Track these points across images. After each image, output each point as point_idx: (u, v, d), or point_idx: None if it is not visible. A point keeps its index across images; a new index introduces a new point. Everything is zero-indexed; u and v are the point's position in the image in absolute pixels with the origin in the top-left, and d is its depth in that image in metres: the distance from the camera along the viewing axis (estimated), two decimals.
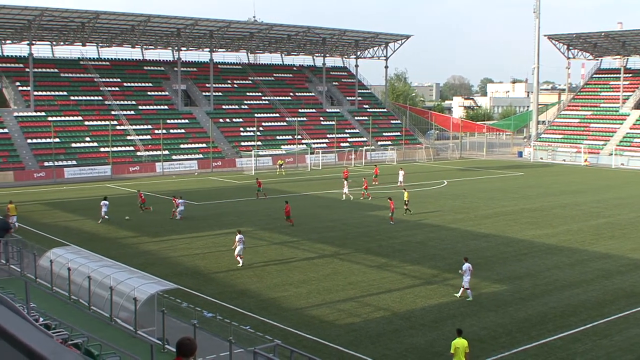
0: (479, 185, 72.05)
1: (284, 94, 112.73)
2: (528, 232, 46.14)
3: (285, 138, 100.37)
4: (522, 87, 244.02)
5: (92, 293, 26.41)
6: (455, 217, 51.76)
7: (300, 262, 37.43)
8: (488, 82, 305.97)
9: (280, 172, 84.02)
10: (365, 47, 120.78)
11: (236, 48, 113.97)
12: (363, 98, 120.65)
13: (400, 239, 43.37)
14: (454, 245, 41.46)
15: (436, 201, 60.22)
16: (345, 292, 31.31)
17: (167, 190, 64.88)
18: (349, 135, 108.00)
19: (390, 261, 37.60)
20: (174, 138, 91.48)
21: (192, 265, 36.78)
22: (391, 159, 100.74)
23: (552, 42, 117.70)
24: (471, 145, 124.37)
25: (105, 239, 43.73)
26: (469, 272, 30.56)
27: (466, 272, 30.53)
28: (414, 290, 31.70)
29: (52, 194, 66.28)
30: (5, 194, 64.92)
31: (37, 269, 30.96)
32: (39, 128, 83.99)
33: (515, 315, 27.99)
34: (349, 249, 40.58)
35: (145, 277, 27.08)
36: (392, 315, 27.89)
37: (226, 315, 27.40)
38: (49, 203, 60.07)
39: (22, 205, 57.63)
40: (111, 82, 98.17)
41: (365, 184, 63.29)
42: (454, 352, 21.72)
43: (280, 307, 29.08)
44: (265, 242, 42.79)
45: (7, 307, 3.03)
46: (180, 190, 58.51)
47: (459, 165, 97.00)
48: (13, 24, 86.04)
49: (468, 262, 31.02)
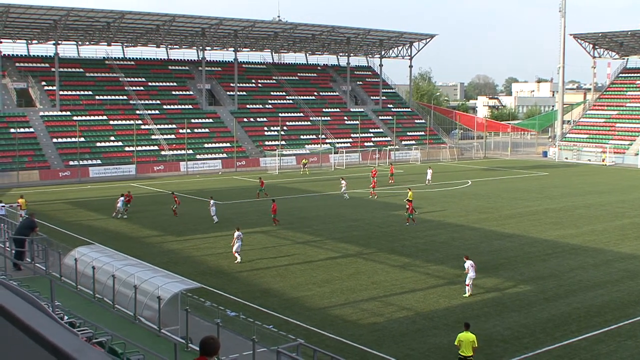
0: (503, 185, 71.71)
1: (308, 94, 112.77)
2: (552, 232, 45.87)
3: (309, 137, 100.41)
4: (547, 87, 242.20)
5: (116, 291, 26.58)
6: (479, 217, 51.56)
7: (323, 261, 37.46)
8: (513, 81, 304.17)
9: (304, 172, 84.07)
10: (390, 47, 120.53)
11: (260, 47, 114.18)
12: (387, 97, 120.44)
13: (423, 239, 43.28)
14: (477, 246, 41.30)
15: (460, 201, 60.01)
16: (368, 292, 31.30)
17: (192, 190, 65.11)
18: (372, 134, 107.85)
19: (413, 261, 37.55)
20: (198, 137, 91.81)
21: (216, 264, 36.92)
22: (415, 159, 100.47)
23: (577, 42, 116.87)
24: (495, 145, 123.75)
25: (130, 238, 44.01)
26: (472, 269, 30.66)
27: (469, 269, 30.63)
28: (438, 290, 31.63)
29: (76, 193, 66.78)
30: (31, 192, 65.54)
31: (62, 267, 31.19)
32: (64, 127, 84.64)
33: (539, 315, 27.85)
34: (373, 249, 40.57)
35: (169, 276, 27.21)
36: (415, 315, 27.85)
37: (249, 314, 27.49)
38: (73, 202, 60.54)
39: (47, 204, 58.20)
40: (136, 81, 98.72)
41: (374, 183, 62.80)
42: (457, 344, 21.83)
43: (303, 306, 29.13)
44: (288, 241, 42.86)
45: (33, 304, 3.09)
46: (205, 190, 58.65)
47: (483, 165, 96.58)
48: (39, 24, 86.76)
49: (470, 260, 31.16)
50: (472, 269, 30.61)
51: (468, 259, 31.28)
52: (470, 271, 30.58)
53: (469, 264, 30.79)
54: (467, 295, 30.34)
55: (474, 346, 21.59)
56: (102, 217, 51.79)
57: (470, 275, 30.59)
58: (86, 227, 47.64)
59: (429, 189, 67.99)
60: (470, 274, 30.57)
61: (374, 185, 62.73)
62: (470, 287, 30.64)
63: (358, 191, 65.13)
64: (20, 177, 73.38)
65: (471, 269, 30.60)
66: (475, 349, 21.63)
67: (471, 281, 30.66)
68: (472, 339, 21.60)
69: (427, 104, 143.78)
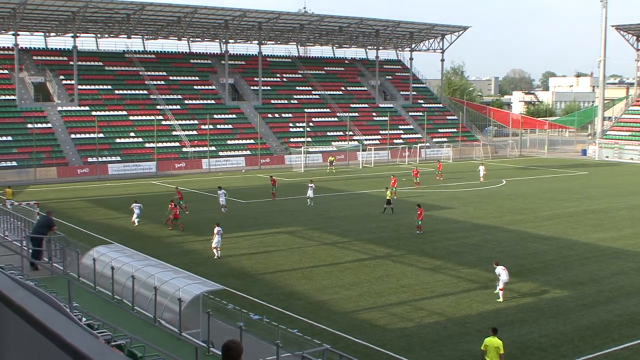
0: (540, 185, 71.25)
1: (335, 88, 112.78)
2: (592, 234, 45.49)
3: (336, 134, 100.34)
4: (587, 81, 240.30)
5: (136, 293, 26.74)
6: (514, 218, 51.27)
7: (351, 263, 37.43)
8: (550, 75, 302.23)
9: (330, 170, 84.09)
10: (421, 39, 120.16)
11: (286, 40, 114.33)
12: (418, 93, 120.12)
13: (455, 241, 43.12)
14: (512, 248, 41.08)
15: (494, 201, 59.72)
16: (397, 296, 31.24)
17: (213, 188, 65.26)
18: (402, 131, 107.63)
19: (445, 263, 37.41)
20: (221, 134, 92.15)
21: (239, 265, 37.03)
22: (447, 157, 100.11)
23: (620, 33, 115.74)
24: (532, 143, 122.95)
25: (150, 238, 44.25)
26: (505, 272, 30.57)
27: (502, 273, 30.52)
28: (470, 294, 31.49)
29: (95, 190, 67.24)
30: (48, 190, 66.15)
31: (80, 267, 31.44)
32: (82, 123, 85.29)
33: (578, 322, 27.63)
34: (402, 250, 40.49)
35: (190, 277, 27.32)
36: (446, 321, 27.75)
37: (273, 317, 27.53)
38: (92, 200, 60.96)
39: (65, 202, 58.71)
40: (157, 75, 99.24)
41: (394, 182, 62.20)
42: (484, 349, 21.66)
43: (329, 310, 29.13)
44: (314, 242, 42.89)
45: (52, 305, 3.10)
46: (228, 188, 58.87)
47: (518, 163, 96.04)
48: (57, 16, 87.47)
49: (501, 265, 31.06)
50: (504, 273, 30.44)
51: (498, 265, 31.13)
52: (503, 275, 30.41)
53: (500, 269, 30.66)
54: (500, 301, 30.18)
55: (500, 352, 21.39)
56: (122, 215, 52.10)
57: (504, 279, 30.42)
58: (105, 226, 47.99)
59: (483, 185, 67.78)
60: (504, 277, 30.41)
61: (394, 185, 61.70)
62: (503, 291, 30.48)
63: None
64: (37, 174, 74.01)
65: (504, 273, 30.43)
66: (502, 355, 21.42)
67: (505, 286, 30.49)
68: (497, 345, 21.40)
69: (460, 99, 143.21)
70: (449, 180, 73.41)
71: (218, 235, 38.62)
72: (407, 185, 68.13)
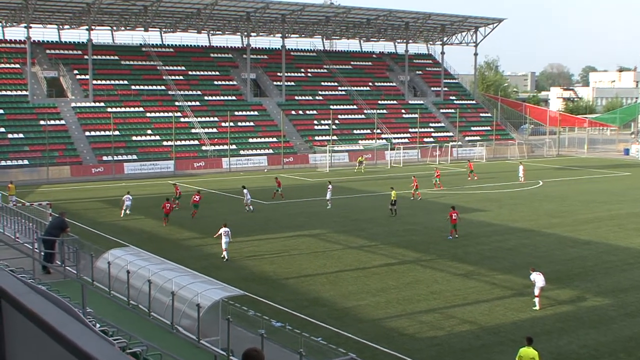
0: (579, 187, 70.83)
1: (363, 84, 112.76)
2: (635, 239, 45.11)
3: (363, 132, 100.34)
4: (630, 76, 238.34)
5: (152, 298, 26.85)
6: (552, 222, 50.98)
7: (378, 268, 37.39)
8: (590, 70, 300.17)
9: (359, 170, 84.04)
10: (453, 32, 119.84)
11: (310, 33, 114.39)
12: (449, 89, 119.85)
13: (489, 245, 42.95)
14: (550, 253, 40.83)
15: (530, 203, 59.43)
16: (427, 303, 31.15)
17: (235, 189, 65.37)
18: (433, 129, 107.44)
19: (478, 269, 37.26)
20: (243, 131, 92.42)
21: (260, 270, 37.08)
22: (480, 156, 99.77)
23: None
24: (570, 142, 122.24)
25: (167, 240, 44.45)
26: (541, 278, 30.44)
27: (537, 279, 30.41)
28: (504, 302, 31.33)
29: (110, 190, 67.56)
30: (62, 190, 66.63)
31: (94, 271, 31.63)
32: (97, 120, 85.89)
33: (620, 333, 27.39)
34: (433, 255, 40.39)
35: (209, 282, 27.39)
36: (479, 329, 27.63)
37: (296, 325, 27.54)
38: (107, 200, 61.25)
39: (79, 203, 59.11)
40: (175, 70, 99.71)
41: (415, 183, 62.15)
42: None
43: (355, 317, 29.10)
44: (340, 245, 42.88)
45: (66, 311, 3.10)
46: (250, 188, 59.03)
47: (556, 163, 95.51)
48: (71, 7, 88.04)
49: (536, 271, 30.93)
50: (540, 279, 30.27)
51: (535, 271, 30.98)
52: (539, 281, 30.23)
53: (535, 275, 30.51)
54: (537, 309, 30.00)
55: None
56: (138, 217, 52.37)
57: (539, 286, 30.25)
58: (120, 228, 48.27)
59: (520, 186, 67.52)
60: (539, 283, 30.23)
61: (416, 186, 61.64)
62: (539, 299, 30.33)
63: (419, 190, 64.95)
64: (50, 173, 74.63)
65: (539, 279, 30.27)
66: None
67: (541, 292, 30.32)
68: (533, 356, 21.30)
69: (494, 95, 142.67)
70: (482, 181, 73.12)
71: (225, 236, 39.13)
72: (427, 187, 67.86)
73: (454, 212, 45.06)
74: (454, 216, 44.82)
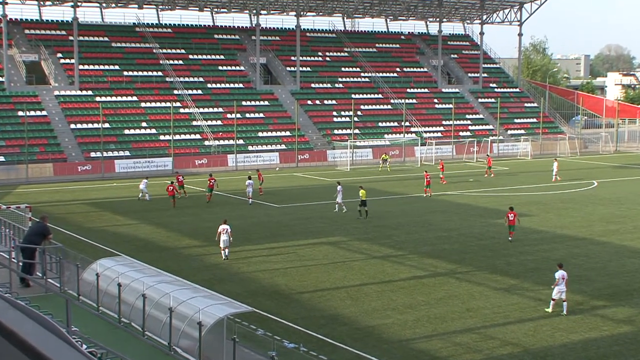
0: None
1: (389, 70, 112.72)
2: None
3: (390, 125, 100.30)
4: None
5: (147, 315, 26.94)
6: (607, 229, 50.81)
7: (405, 281, 37.38)
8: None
9: (384, 168, 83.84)
10: (494, 9, 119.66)
11: (329, 11, 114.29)
12: (489, 75, 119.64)
13: (534, 255, 42.85)
14: (605, 265, 40.70)
15: (582, 207, 59.26)
16: (463, 321, 31.13)
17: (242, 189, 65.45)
18: (470, 122, 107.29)
19: (521, 283, 37.19)
20: (251, 124, 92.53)
21: (271, 282, 37.14)
22: (524, 153, 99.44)
23: None
24: (631, 136, 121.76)
25: (164, 249, 44.57)
26: (562, 281, 30.82)
27: (559, 281, 30.80)
28: (552, 321, 31.26)
29: (99, 191, 67.83)
30: (43, 191, 66.87)
31: (80, 284, 31.72)
32: (84, 110, 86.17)
33: None
34: (469, 267, 40.34)
35: (212, 297, 27.47)
36: (523, 352, 27.58)
37: (312, 346, 27.59)
38: (95, 203, 61.51)
39: (63, 206, 59.38)
40: (174, 54, 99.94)
41: (427, 179, 62.80)
42: None
43: (379, 337, 29.12)
44: (362, 255, 42.89)
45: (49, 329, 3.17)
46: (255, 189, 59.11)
47: (613, 161, 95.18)
48: None
49: (562, 270, 31.39)
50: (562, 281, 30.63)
51: (561, 268, 31.50)
52: (560, 283, 30.59)
53: (560, 274, 30.96)
54: (549, 311, 30.43)
55: None
56: (131, 222, 52.57)
57: (560, 289, 30.63)
58: (111, 235, 48.45)
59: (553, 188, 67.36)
60: (560, 286, 30.61)
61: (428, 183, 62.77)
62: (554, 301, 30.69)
63: (449, 193, 64.82)
64: (30, 171, 74.84)
65: (561, 281, 30.65)
66: None
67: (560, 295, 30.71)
68: None
69: (541, 82, 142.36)
70: (525, 182, 72.91)
71: (225, 233, 40.31)
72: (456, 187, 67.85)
73: (511, 212, 45.94)
74: (510, 217, 45.66)
